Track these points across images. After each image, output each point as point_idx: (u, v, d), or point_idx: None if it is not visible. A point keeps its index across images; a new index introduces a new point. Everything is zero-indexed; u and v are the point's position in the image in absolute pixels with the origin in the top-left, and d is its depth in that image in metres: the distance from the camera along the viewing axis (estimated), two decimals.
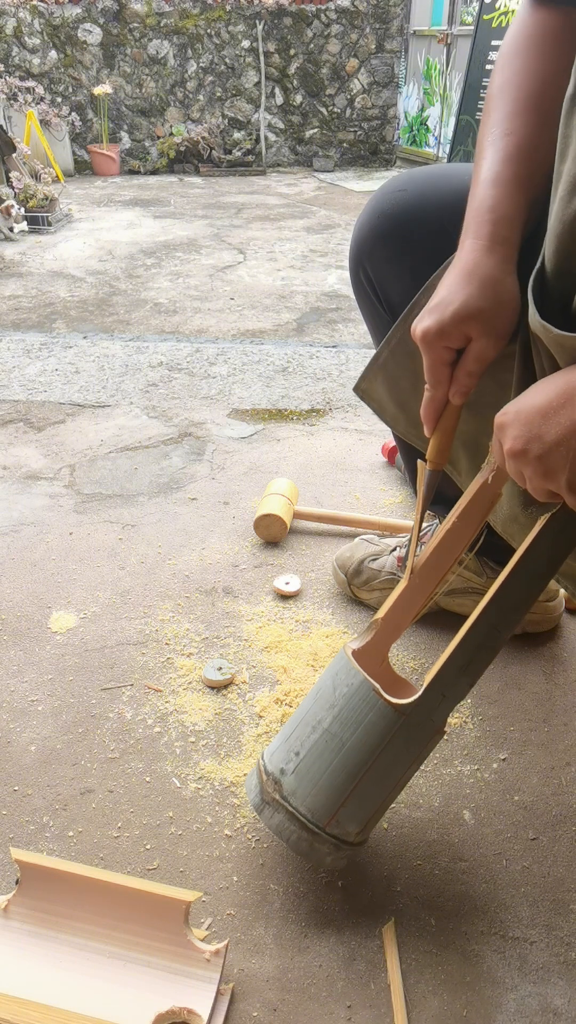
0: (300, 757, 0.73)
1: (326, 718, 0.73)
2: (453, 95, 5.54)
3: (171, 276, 3.14)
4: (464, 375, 0.70)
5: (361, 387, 0.92)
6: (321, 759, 0.72)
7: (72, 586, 1.23)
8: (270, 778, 0.75)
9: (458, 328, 0.68)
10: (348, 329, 2.54)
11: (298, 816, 0.72)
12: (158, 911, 0.68)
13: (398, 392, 0.89)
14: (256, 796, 0.76)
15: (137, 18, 5.83)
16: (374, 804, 0.74)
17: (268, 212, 4.50)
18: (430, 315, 0.69)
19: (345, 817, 0.72)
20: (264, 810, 0.74)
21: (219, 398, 1.97)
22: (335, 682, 0.74)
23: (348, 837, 0.73)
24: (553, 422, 0.57)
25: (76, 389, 2.02)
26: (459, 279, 0.69)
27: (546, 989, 0.70)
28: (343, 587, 1.21)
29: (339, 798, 0.72)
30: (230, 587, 1.24)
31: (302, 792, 0.72)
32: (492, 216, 0.70)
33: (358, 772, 0.71)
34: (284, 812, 0.73)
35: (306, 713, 0.76)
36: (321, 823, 0.72)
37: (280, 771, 0.74)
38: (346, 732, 0.72)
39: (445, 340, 0.69)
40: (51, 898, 0.70)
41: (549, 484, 0.60)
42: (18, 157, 4.15)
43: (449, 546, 0.77)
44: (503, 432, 0.62)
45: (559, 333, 0.59)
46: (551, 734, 0.97)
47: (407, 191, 0.91)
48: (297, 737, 0.75)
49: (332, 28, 6.10)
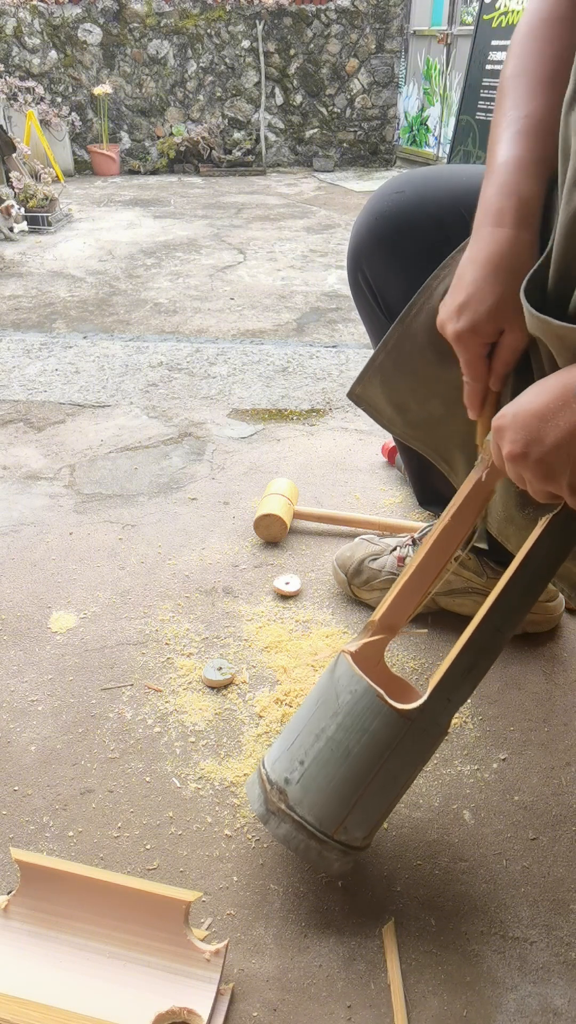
0: (305, 766, 0.72)
1: (330, 726, 0.72)
2: (453, 95, 5.54)
3: (171, 276, 3.14)
4: (502, 366, 0.71)
5: (355, 392, 0.91)
6: (327, 768, 0.72)
7: (72, 586, 1.23)
8: (274, 788, 0.74)
9: (493, 325, 0.68)
10: (348, 329, 2.54)
11: (306, 826, 0.72)
12: (158, 911, 0.68)
13: (395, 394, 0.89)
14: (260, 806, 0.75)
15: (137, 18, 5.83)
16: (380, 809, 0.74)
17: (268, 212, 4.50)
18: (461, 315, 0.69)
19: (352, 824, 0.72)
20: (270, 820, 0.74)
21: (219, 398, 1.97)
22: (337, 689, 0.74)
23: (355, 843, 0.73)
24: (552, 425, 0.57)
25: (76, 389, 2.02)
26: (486, 274, 0.68)
27: (546, 989, 0.70)
28: (343, 587, 1.21)
29: (346, 806, 0.71)
30: (230, 587, 1.24)
31: (308, 802, 0.72)
32: (515, 200, 0.68)
33: (364, 779, 0.71)
34: (291, 822, 0.72)
35: (308, 721, 0.75)
36: (329, 831, 0.72)
37: (284, 780, 0.73)
38: (351, 740, 0.71)
39: (481, 337, 0.69)
40: (51, 898, 0.70)
41: (550, 487, 0.60)
42: (18, 157, 4.14)
43: (444, 545, 0.77)
44: (501, 435, 0.62)
45: (559, 324, 0.59)
46: (551, 734, 0.97)
47: (405, 193, 0.91)
48: (300, 745, 0.74)
49: (332, 28, 6.10)
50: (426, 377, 0.85)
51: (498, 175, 0.69)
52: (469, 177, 0.88)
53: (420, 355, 0.84)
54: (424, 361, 0.84)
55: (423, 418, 0.90)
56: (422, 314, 0.82)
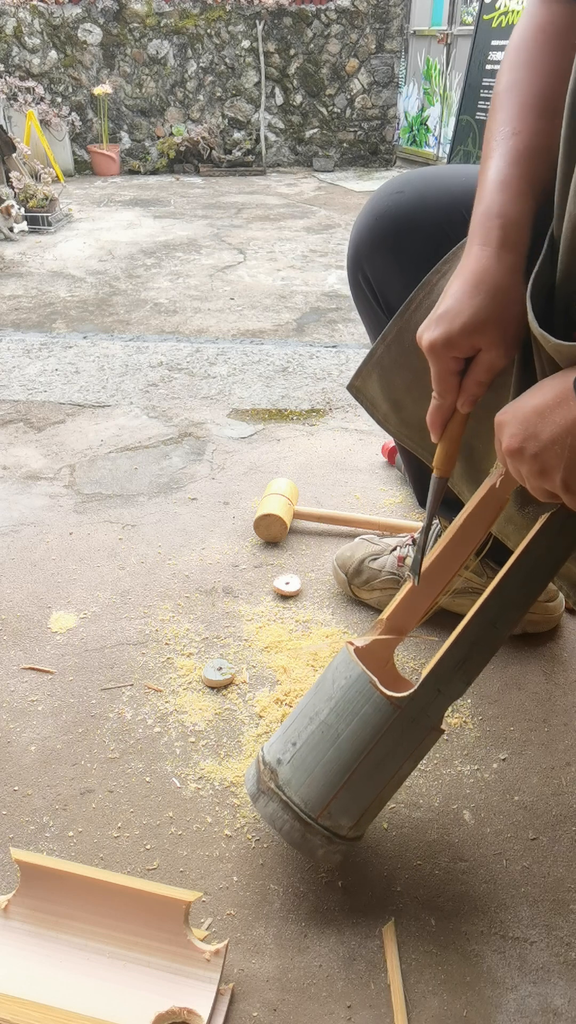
0: (296, 747, 0.74)
1: (323, 709, 0.74)
2: (453, 95, 5.55)
3: (171, 276, 3.14)
4: (473, 384, 0.69)
5: (355, 384, 0.92)
6: (316, 750, 0.73)
7: (72, 586, 1.23)
8: (267, 767, 0.76)
9: (467, 340, 0.67)
10: (348, 329, 2.54)
11: (291, 806, 0.73)
12: (158, 911, 0.68)
13: (392, 390, 0.89)
14: (252, 785, 0.77)
15: (137, 18, 5.83)
16: (367, 798, 0.74)
17: (268, 212, 4.50)
18: (437, 325, 0.68)
19: (337, 809, 0.73)
20: (259, 799, 0.75)
21: (219, 398, 1.97)
22: (334, 675, 0.76)
23: (341, 831, 0.74)
24: (548, 421, 0.58)
25: (76, 389, 2.02)
26: (467, 288, 0.67)
27: (546, 989, 0.70)
28: (343, 587, 1.21)
29: (332, 789, 0.72)
30: (230, 587, 1.24)
31: (296, 782, 0.73)
32: (500, 222, 0.68)
33: (351, 764, 0.72)
34: (278, 801, 0.74)
35: (305, 705, 0.77)
36: (314, 814, 0.73)
37: (277, 761, 0.75)
38: (341, 723, 0.72)
39: (453, 351, 0.68)
40: (51, 898, 0.70)
41: (545, 483, 0.61)
42: (18, 157, 4.14)
43: (455, 550, 0.77)
44: (501, 430, 0.63)
45: (558, 343, 0.59)
46: (551, 734, 0.97)
47: (405, 193, 0.91)
48: (295, 728, 0.76)
49: (332, 28, 6.10)
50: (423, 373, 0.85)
51: (487, 195, 0.70)
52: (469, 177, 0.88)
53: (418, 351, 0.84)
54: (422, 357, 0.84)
55: (418, 417, 0.90)
56: (422, 309, 0.82)
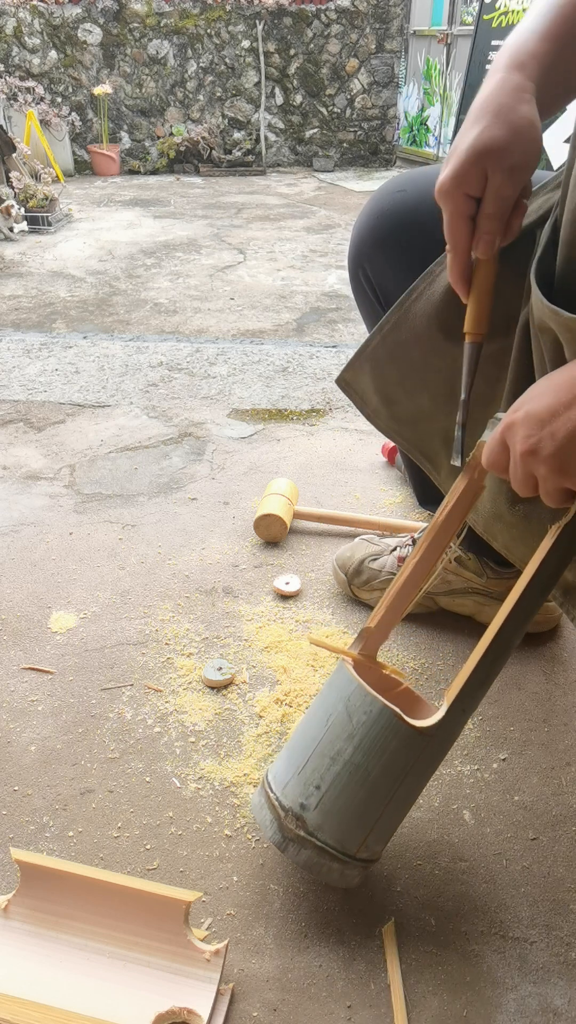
0: (322, 791, 0.71)
1: (346, 749, 0.71)
2: (453, 95, 5.54)
3: (171, 276, 3.14)
4: (485, 219, 0.66)
5: (344, 378, 0.91)
6: (346, 791, 0.70)
7: (72, 586, 1.23)
8: (289, 814, 0.72)
9: (475, 165, 0.64)
10: (348, 329, 2.54)
11: (328, 850, 0.71)
12: (158, 911, 0.68)
13: (384, 383, 0.89)
14: (276, 834, 0.73)
15: (137, 18, 5.83)
16: (399, 822, 0.74)
17: (268, 212, 4.50)
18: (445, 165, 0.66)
19: (373, 841, 0.72)
20: (288, 847, 0.72)
21: (219, 398, 1.97)
22: (349, 709, 0.72)
23: (375, 856, 0.74)
24: (564, 418, 0.57)
25: (76, 389, 2.02)
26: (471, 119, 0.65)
27: (546, 989, 0.70)
28: (343, 587, 1.20)
29: (368, 827, 0.71)
30: (230, 587, 1.24)
31: (329, 827, 0.71)
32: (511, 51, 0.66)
33: (385, 799, 0.71)
34: (312, 848, 0.71)
35: (320, 742, 0.73)
36: (351, 851, 0.71)
37: (300, 806, 0.72)
38: (371, 762, 0.70)
39: (463, 186, 0.65)
40: (51, 898, 0.70)
41: (565, 482, 0.59)
42: (18, 157, 4.14)
43: (439, 543, 0.77)
44: (513, 433, 0.61)
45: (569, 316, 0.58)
46: (551, 734, 0.97)
47: (406, 191, 0.91)
48: (315, 769, 0.72)
49: (332, 28, 6.10)
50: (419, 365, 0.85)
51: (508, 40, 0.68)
52: None
53: (416, 341, 0.83)
54: (420, 348, 0.84)
55: (409, 412, 0.90)
56: (422, 299, 0.81)
